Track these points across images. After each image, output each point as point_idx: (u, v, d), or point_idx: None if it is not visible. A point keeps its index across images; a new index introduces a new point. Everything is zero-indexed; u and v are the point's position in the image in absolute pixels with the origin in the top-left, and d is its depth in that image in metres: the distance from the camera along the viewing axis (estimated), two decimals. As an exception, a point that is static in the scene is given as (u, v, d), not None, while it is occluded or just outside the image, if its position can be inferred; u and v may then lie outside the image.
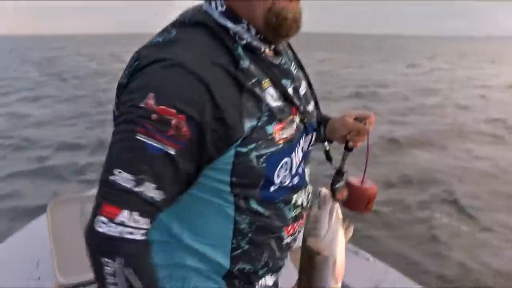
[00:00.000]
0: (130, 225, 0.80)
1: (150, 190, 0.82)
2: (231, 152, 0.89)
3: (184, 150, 0.83)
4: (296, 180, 1.03)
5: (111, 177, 0.80)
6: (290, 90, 1.01)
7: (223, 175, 0.91)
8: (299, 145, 1.03)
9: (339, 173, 1.14)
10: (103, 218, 0.79)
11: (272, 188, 0.98)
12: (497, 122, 9.74)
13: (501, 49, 63.41)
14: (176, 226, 0.97)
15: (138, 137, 0.80)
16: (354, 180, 1.17)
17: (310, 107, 1.12)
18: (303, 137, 1.06)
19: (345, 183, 1.13)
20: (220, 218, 0.96)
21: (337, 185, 1.11)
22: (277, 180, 0.97)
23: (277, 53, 1.02)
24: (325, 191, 1.03)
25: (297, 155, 1.02)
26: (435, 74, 21.33)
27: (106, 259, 0.79)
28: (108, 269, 0.80)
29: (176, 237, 0.98)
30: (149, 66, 0.85)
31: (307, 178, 1.10)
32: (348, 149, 1.18)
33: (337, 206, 1.03)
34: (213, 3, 0.95)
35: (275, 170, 0.96)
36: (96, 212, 0.80)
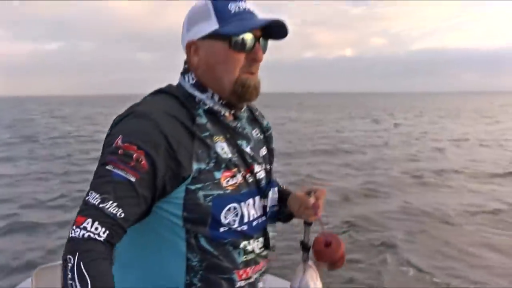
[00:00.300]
0: (91, 230, 0.92)
1: (112, 207, 0.95)
2: (182, 188, 1.05)
3: (142, 179, 0.99)
4: (247, 228, 1.15)
5: (86, 197, 0.97)
6: (247, 150, 1.19)
7: (176, 209, 1.06)
8: (254, 200, 1.18)
9: (305, 247, 1.26)
10: (74, 226, 0.93)
11: (221, 229, 1.10)
12: (447, 173, 10.42)
13: (461, 103, 66.42)
14: (137, 259, 1.09)
15: (108, 167, 0.99)
16: (320, 240, 1.22)
17: (268, 168, 1.28)
18: (259, 194, 1.20)
19: (312, 247, 1.20)
20: (174, 254, 1.09)
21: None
22: (224, 221, 1.10)
23: (236, 118, 1.21)
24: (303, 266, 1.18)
25: (251, 208, 1.17)
26: (397, 129, 22.47)
27: (69, 256, 0.89)
28: (69, 266, 0.89)
29: (136, 270, 1.11)
30: (124, 118, 1.07)
31: (268, 234, 1.22)
32: (306, 223, 1.26)
33: (308, 277, 1.17)
34: (186, 77, 1.18)
35: (222, 211, 1.10)
36: (74, 220, 0.95)
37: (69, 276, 0.88)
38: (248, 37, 1.11)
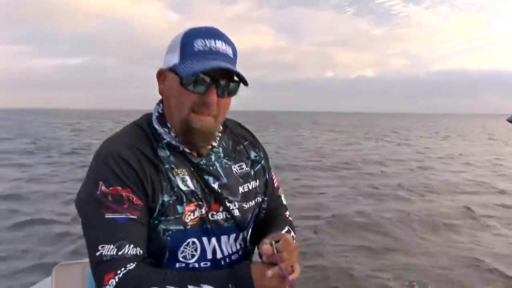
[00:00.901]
0: (122, 272, 0.98)
1: (130, 250, 1.00)
2: (151, 220, 1.08)
3: (141, 212, 1.04)
4: (210, 265, 1.14)
5: (98, 253, 0.99)
6: (214, 186, 1.15)
7: None
8: (219, 238, 1.15)
9: None
10: (108, 287, 0.97)
11: (177, 265, 1.10)
12: (419, 187, 10.86)
13: (477, 125, 65.45)
14: None
15: (107, 216, 1.01)
16: None
17: (250, 204, 1.22)
18: (229, 233, 1.17)
19: None
20: None
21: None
22: (180, 256, 1.10)
23: (199, 154, 1.16)
24: None
25: (217, 246, 1.15)
26: (399, 147, 23.24)
27: None
28: None
29: None
30: (95, 158, 1.09)
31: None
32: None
33: None
34: (156, 108, 1.17)
35: (180, 247, 1.09)
36: (102, 283, 0.98)
37: None
38: (201, 79, 1.06)
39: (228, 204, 1.17)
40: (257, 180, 1.28)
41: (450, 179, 12.39)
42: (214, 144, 1.20)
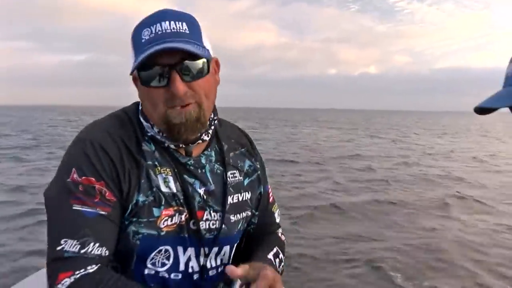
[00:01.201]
0: (80, 273, 0.89)
1: (95, 249, 0.91)
2: (123, 219, 0.99)
3: (114, 210, 0.96)
4: (181, 277, 1.05)
5: (59, 248, 0.90)
6: (200, 191, 1.06)
7: None
8: (197, 251, 1.06)
9: None
10: (60, 286, 0.88)
11: (146, 271, 1.03)
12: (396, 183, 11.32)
13: (479, 123, 65.44)
14: None
15: (75, 208, 0.92)
16: None
17: (234, 218, 1.11)
18: (209, 246, 1.07)
19: None
20: None
21: None
22: (149, 263, 1.02)
23: (187, 154, 1.07)
24: None
25: (193, 258, 1.05)
26: (393, 144, 23.62)
27: None
28: None
29: None
30: (73, 143, 1.03)
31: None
32: None
33: None
34: None
35: (150, 253, 1.01)
36: (54, 282, 0.89)
37: None
38: (156, 70, 0.94)
39: (212, 214, 1.08)
40: (249, 192, 1.18)
41: (435, 174, 12.83)
42: (206, 138, 1.09)
